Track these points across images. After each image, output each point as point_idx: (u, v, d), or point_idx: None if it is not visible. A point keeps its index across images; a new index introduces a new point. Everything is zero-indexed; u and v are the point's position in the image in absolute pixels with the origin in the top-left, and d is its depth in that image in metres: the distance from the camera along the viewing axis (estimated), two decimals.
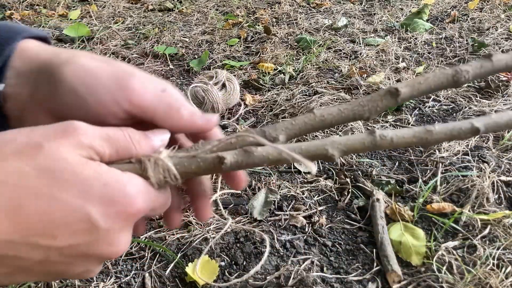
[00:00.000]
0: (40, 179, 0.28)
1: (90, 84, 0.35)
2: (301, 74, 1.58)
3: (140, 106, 0.35)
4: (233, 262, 0.83)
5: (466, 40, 1.85)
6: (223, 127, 1.28)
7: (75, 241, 0.29)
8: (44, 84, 0.36)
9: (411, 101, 1.36)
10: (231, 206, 0.96)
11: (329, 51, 1.78)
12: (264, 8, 2.38)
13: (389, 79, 1.50)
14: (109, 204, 0.29)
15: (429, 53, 1.75)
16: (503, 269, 0.78)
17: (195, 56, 1.76)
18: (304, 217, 0.93)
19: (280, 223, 0.92)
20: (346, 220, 0.93)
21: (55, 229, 0.28)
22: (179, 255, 0.84)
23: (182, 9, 2.38)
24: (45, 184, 0.28)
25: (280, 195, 0.99)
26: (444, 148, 1.11)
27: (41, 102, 0.36)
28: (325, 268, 0.81)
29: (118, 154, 0.33)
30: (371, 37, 1.93)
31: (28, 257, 0.29)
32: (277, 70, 1.61)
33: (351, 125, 1.20)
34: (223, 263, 0.83)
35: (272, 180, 1.03)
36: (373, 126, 1.24)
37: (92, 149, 0.31)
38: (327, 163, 1.10)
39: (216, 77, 1.34)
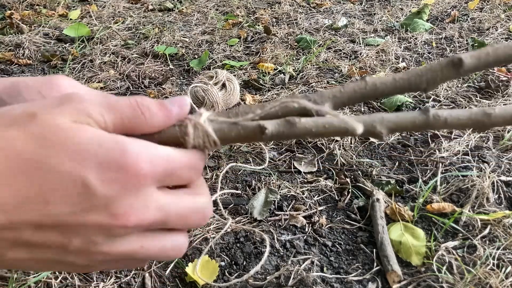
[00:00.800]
0: (30, 144, 0.27)
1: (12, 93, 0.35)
2: (301, 74, 1.58)
3: None
4: (233, 262, 0.83)
5: (466, 40, 1.85)
6: None
7: (69, 208, 0.27)
8: None
9: (411, 101, 1.36)
10: (231, 206, 0.96)
11: (329, 51, 1.78)
12: (264, 8, 2.38)
13: None
14: (105, 165, 0.27)
15: (429, 53, 1.75)
16: (503, 269, 0.78)
17: (195, 56, 1.76)
18: (304, 217, 0.93)
19: (280, 223, 0.92)
20: (346, 220, 0.93)
21: (47, 194, 0.27)
22: None
23: (182, 9, 2.38)
24: (35, 149, 0.27)
25: (280, 195, 0.99)
26: (444, 148, 1.11)
27: None
28: (325, 268, 0.81)
29: (123, 124, 0.30)
30: (371, 37, 1.92)
31: (23, 229, 0.27)
32: (277, 70, 1.61)
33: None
34: (223, 263, 0.83)
35: (272, 180, 1.03)
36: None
37: (90, 117, 0.28)
38: (327, 163, 1.10)
39: (216, 77, 1.34)
